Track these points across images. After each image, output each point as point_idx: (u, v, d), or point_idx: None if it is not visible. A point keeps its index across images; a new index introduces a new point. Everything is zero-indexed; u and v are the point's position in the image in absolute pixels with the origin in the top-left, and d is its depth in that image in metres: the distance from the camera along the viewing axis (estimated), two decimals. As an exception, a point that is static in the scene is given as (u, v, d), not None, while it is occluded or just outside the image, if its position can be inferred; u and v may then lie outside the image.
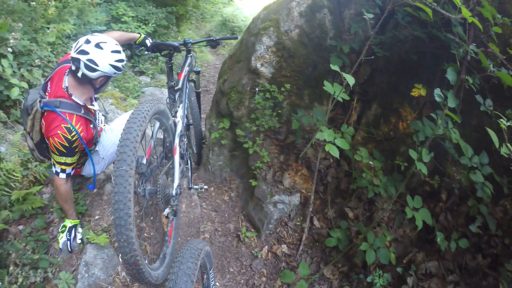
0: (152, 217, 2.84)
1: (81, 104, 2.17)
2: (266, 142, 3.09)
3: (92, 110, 2.33)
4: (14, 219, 2.77)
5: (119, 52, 2.12)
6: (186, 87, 2.90)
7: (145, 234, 2.73)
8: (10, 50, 2.95)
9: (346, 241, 2.67)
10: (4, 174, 2.83)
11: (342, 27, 2.90)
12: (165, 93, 4.64)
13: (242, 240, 2.94)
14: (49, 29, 3.39)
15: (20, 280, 2.33)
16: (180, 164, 2.49)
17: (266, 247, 2.90)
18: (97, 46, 2.02)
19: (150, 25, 4.98)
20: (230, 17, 10.03)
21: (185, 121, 2.75)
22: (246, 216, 3.13)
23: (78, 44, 2.04)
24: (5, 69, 2.89)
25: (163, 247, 2.48)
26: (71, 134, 2.11)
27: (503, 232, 2.29)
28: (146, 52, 2.79)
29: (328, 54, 2.87)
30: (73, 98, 2.14)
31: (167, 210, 2.24)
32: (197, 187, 2.66)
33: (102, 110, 2.66)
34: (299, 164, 3.02)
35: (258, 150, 3.03)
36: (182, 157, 2.60)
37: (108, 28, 4.53)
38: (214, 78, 6.91)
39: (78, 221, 2.67)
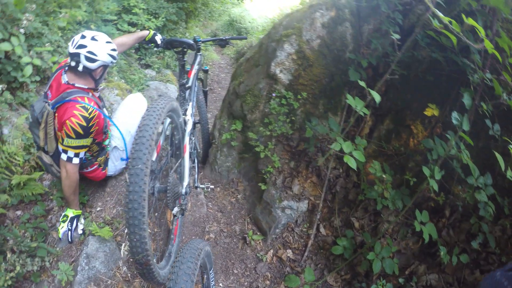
0: (156, 213, 2.82)
1: (85, 88, 2.27)
2: (278, 148, 3.14)
3: (98, 98, 2.41)
4: (13, 204, 2.69)
5: (111, 42, 2.29)
6: (195, 86, 2.92)
7: (148, 231, 2.71)
8: (22, 31, 2.85)
9: (351, 250, 2.76)
10: (5, 157, 2.73)
11: (360, 41, 3.00)
12: (170, 88, 4.62)
13: (248, 242, 2.96)
14: (61, 13, 3.30)
15: (17, 268, 2.26)
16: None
17: (272, 251, 2.94)
18: (92, 39, 2.17)
19: (160, 19, 4.94)
20: (237, 17, 10.06)
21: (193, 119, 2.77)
22: (253, 219, 3.16)
23: (74, 41, 2.17)
24: (16, 48, 2.78)
25: (168, 245, 2.46)
26: (88, 111, 2.17)
27: (501, 250, 2.44)
28: (155, 48, 2.82)
29: (345, 67, 2.96)
30: (76, 85, 2.24)
31: (176, 209, 2.24)
32: (203, 186, 2.67)
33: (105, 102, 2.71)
34: (309, 171, 3.09)
35: (269, 154, 3.07)
36: (189, 155, 2.61)
37: (118, 18, 4.45)
38: (219, 77, 6.90)
39: (80, 211, 2.62)
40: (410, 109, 2.82)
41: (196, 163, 2.95)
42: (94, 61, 2.18)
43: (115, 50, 2.31)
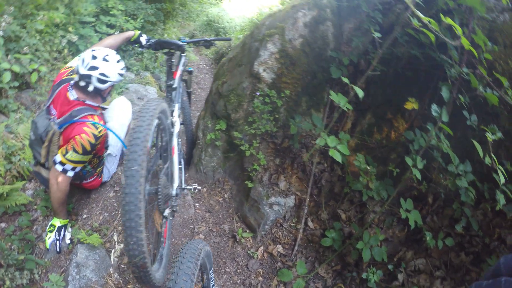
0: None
1: (95, 106, 2.28)
2: (263, 145, 3.18)
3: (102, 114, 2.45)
4: (-4, 216, 2.61)
5: (120, 60, 2.31)
6: (180, 87, 2.93)
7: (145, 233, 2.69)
8: (1, 33, 2.76)
9: (340, 241, 2.83)
10: (-15, 167, 2.65)
11: (341, 40, 3.08)
12: (149, 90, 4.57)
13: (238, 240, 2.99)
14: (39, 16, 3.21)
15: (7, 283, 2.21)
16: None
17: (262, 248, 2.97)
18: (104, 60, 2.18)
19: (138, 20, 4.87)
20: (215, 17, 10.03)
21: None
22: (241, 217, 3.18)
23: (85, 61, 2.15)
24: (-5, 52, 2.71)
25: (159, 248, 2.45)
26: (98, 130, 2.18)
27: (483, 232, 2.57)
28: (140, 49, 2.82)
29: (327, 65, 3.04)
30: (87, 102, 2.24)
31: (167, 211, 2.23)
32: (190, 188, 2.65)
33: None
34: (295, 167, 3.14)
35: (254, 152, 3.11)
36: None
37: (96, 20, 4.37)
38: (198, 78, 6.87)
39: (67, 220, 2.58)
40: (390, 103, 2.92)
41: (182, 165, 2.95)
42: (105, 82, 2.20)
43: (124, 68, 2.34)
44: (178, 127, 2.55)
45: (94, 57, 2.15)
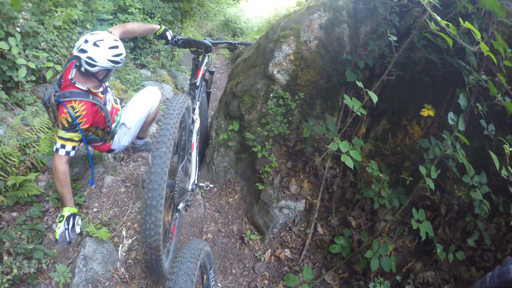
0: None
1: (84, 89, 2.33)
2: (275, 148, 3.15)
3: (99, 95, 2.46)
4: (8, 205, 2.67)
5: (117, 47, 2.30)
6: (201, 86, 2.97)
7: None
8: (18, 30, 2.82)
9: (349, 248, 2.79)
10: (1, 158, 2.70)
11: (357, 43, 3.03)
12: (165, 88, 4.61)
13: (246, 242, 2.97)
14: (57, 12, 3.27)
15: (14, 271, 2.24)
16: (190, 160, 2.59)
17: (270, 251, 2.95)
18: (94, 44, 2.21)
19: (156, 18, 4.92)
20: (233, 18, 10.09)
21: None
22: (250, 219, 3.17)
23: (78, 43, 2.24)
24: (12, 48, 2.77)
25: (166, 243, 2.47)
26: (74, 111, 2.27)
27: (496, 247, 2.49)
28: (165, 45, 2.88)
29: (342, 68, 2.99)
30: (76, 85, 2.32)
31: (181, 205, 2.31)
32: (202, 185, 2.69)
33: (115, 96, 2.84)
34: (306, 171, 3.11)
35: (266, 154, 3.09)
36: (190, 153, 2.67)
37: (114, 17, 4.43)
38: (213, 77, 6.88)
39: (77, 210, 2.60)
40: (406, 109, 2.86)
41: (197, 162, 2.98)
42: (93, 66, 2.25)
43: (120, 55, 2.34)
44: (198, 125, 2.66)
45: (86, 40, 2.22)
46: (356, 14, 3.07)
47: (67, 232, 2.47)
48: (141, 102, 2.91)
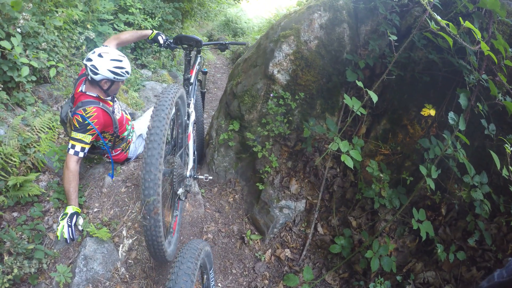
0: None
1: (94, 96, 2.54)
2: (275, 148, 3.15)
3: (109, 102, 2.67)
4: (9, 206, 2.67)
5: (120, 61, 2.51)
6: (195, 84, 3.05)
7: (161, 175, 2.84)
8: (19, 30, 2.83)
9: (349, 248, 2.78)
10: (1, 158, 2.71)
11: (358, 42, 3.03)
12: (165, 88, 4.60)
13: (246, 242, 2.97)
14: (57, 12, 3.28)
15: (15, 270, 2.24)
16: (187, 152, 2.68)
17: (270, 251, 2.95)
18: (99, 55, 2.46)
19: (156, 18, 4.92)
20: (233, 18, 10.12)
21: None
22: (251, 218, 3.16)
23: (88, 54, 2.49)
24: (15, 48, 2.79)
25: (168, 236, 2.47)
26: (86, 112, 2.46)
27: (497, 247, 2.48)
28: (159, 47, 3.00)
29: (343, 67, 2.99)
30: (87, 93, 2.54)
31: (181, 190, 2.38)
32: (202, 177, 2.74)
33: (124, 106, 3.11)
34: (307, 171, 3.10)
35: (267, 154, 3.09)
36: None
37: (115, 18, 4.43)
38: (214, 78, 6.91)
39: (79, 210, 2.61)
40: (406, 109, 2.85)
41: (195, 155, 2.99)
42: (96, 74, 2.46)
43: (122, 68, 2.52)
44: (193, 117, 2.77)
45: (94, 52, 2.47)
46: (356, 14, 3.07)
47: (71, 229, 2.48)
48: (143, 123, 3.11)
